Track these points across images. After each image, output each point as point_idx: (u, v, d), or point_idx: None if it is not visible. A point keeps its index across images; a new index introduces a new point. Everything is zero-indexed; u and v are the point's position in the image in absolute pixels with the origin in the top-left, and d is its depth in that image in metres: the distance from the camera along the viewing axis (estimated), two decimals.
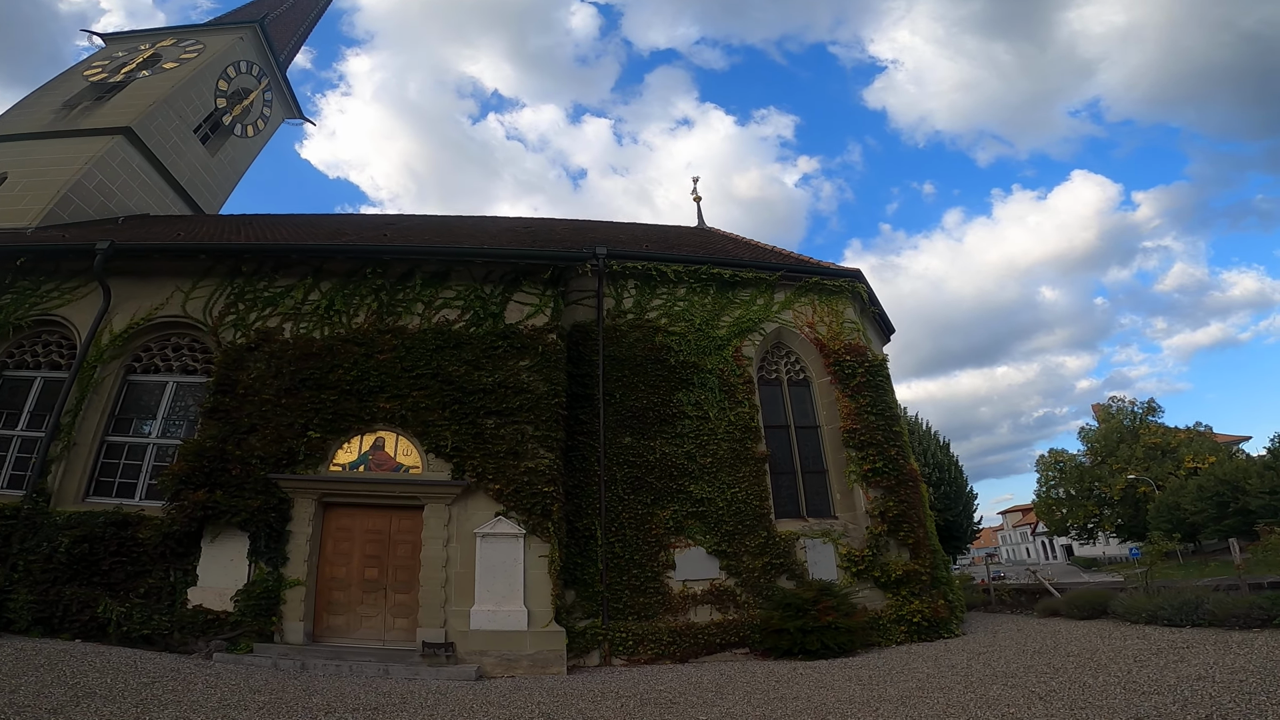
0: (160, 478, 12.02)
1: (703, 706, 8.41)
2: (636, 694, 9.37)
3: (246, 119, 23.51)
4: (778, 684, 9.79)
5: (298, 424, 12.29)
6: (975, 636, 13.86)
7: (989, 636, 13.66)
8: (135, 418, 13.35)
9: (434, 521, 12.04)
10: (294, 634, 11.40)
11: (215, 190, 22.31)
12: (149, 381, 13.60)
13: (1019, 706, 7.21)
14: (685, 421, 14.49)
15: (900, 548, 14.75)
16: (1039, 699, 7.47)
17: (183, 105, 21.04)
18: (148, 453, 13.03)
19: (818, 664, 11.50)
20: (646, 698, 9.07)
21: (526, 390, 12.78)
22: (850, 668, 10.88)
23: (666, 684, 10.17)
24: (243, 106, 23.19)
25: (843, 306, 16.65)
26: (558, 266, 13.80)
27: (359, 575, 12.09)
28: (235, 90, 23.33)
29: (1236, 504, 29.38)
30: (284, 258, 13.69)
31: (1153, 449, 40.18)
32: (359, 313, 13.34)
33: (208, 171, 22.12)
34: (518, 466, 12.29)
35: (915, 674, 9.81)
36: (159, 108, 20.18)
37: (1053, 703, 7.23)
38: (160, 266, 13.81)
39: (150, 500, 12.40)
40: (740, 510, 14.13)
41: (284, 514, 11.90)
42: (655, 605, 13.16)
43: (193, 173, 21.50)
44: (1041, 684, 8.24)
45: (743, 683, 10.06)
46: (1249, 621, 10.99)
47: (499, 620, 11.58)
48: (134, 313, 13.59)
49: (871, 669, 10.59)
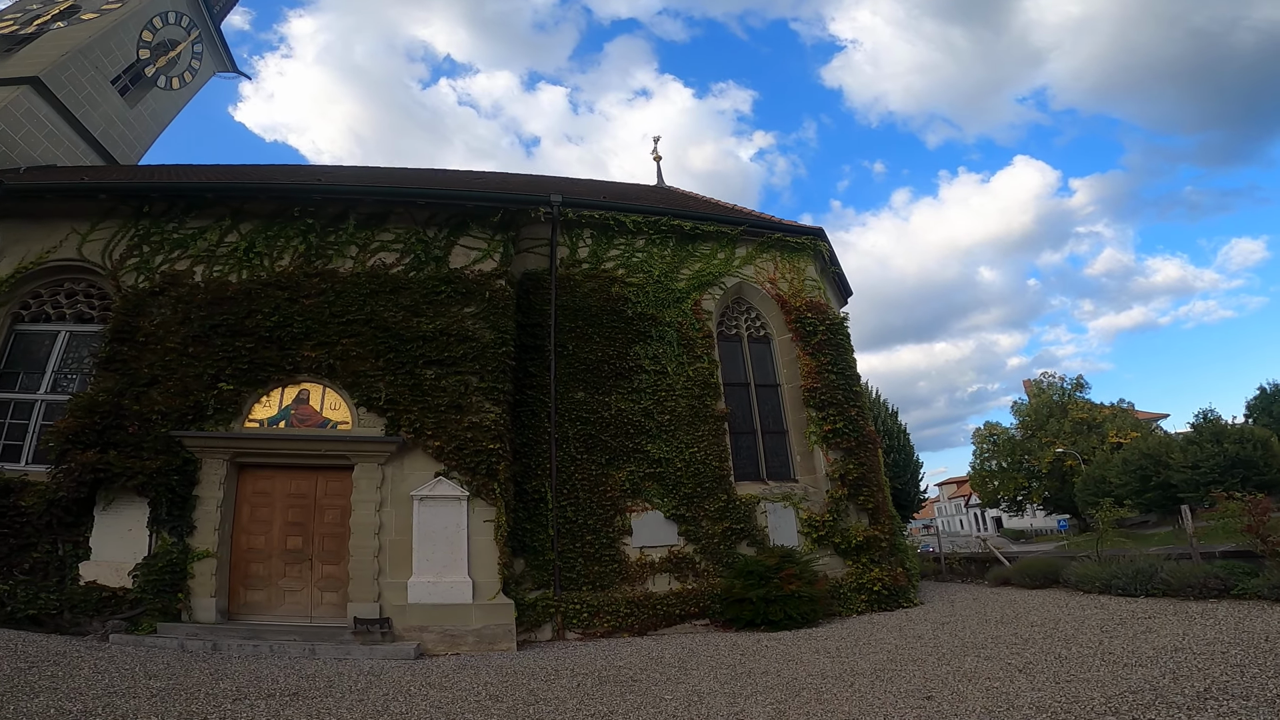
0: (46, 437, 10.01)
1: (666, 684, 7.38)
2: (593, 671, 8.25)
3: (172, 71, 20.94)
4: (743, 657, 8.84)
5: (207, 375, 10.38)
6: (934, 606, 13.05)
7: (947, 606, 12.86)
8: (22, 372, 11.23)
9: (365, 483, 10.30)
10: (205, 612, 9.63)
11: (133, 143, 19.81)
12: (38, 331, 11.46)
13: (1000, 680, 6.60)
14: (642, 376, 13.02)
15: (860, 512, 13.69)
16: (1019, 671, 6.86)
17: (100, 56, 18.64)
18: (35, 411, 10.94)
19: (781, 635, 10.53)
20: (605, 675, 7.97)
21: (471, 338, 11.10)
22: (815, 639, 9.99)
23: (625, 659, 9.03)
24: (168, 58, 20.66)
25: (804, 264, 15.42)
26: (509, 210, 12.09)
27: (280, 545, 10.32)
28: (161, 41, 20.87)
29: (1159, 477, 29.54)
30: (198, 198, 11.66)
31: (1080, 424, 40.34)
32: (283, 255, 11.43)
33: (125, 124, 19.59)
34: (460, 421, 10.63)
35: (883, 645, 9.07)
36: (72, 58, 17.81)
37: (1034, 676, 6.61)
38: (55, 208, 11.65)
39: (38, 465, 10.37)
40: (699, 471, 12.77)
41: (190, 477, 10.02)
42: (611, 574, 11.73)
43: (108, 124, 19.03)
44: (1015, 656, 7.65)
45: (706, 657, 9.02)
46: (1205, 591, 10.31)
47: (440, 592, 9.98)
48: (23, 256, 11.41)
49: (837, 640, 9.74)
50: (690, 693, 6.94)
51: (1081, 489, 33.76)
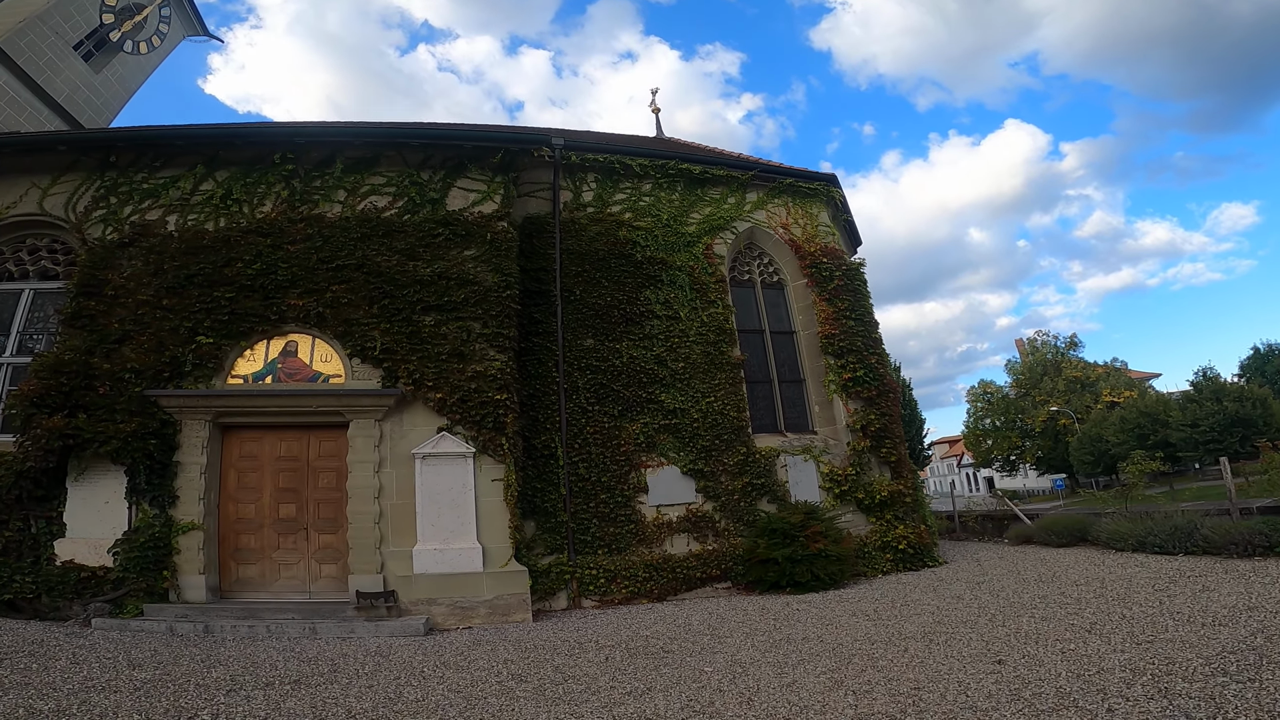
0: (10, 402, 8.74)
1: (702, 654, 6.48)
2: (620, 642, 7.29)
3: (139, 35, 19.33)
4: (776, 622, 7.91)
5: (184, 328, 9.08)
6: (960, 565, 11.98)
7: (974, 565, 11.80)
8: None
9: (362, 442, 9.06)
10: (194, 590, 8.46)
11: (100, 109, 18.27)
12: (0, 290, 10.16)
13: (1072, 641, 5.80)
14: (654, 322, 11.78)
15: (881, 466, 12.58)
16: (1086, 632, 6.08)
17: (60, 21, 17.10)
18: (1, 375, 9.68)
19: (809, 597, 9.55)
20: (633, 646, 7.02)
21: (472, 282, 9.80)
22: (847, 601, 9.05)
23: (651, 628, 8.03)
24: (134, 22, 19.03)
25: (817, 210, 14.17)
26: (509, 150, 10.70)
27: (272, 514, 9.11)
28: (126, 5, 19.25)
29: (1156, 436, 28.43)
30: (168, 146, 10.25)
31: (1073, 382, 39.06)
32: (264, 202, 10.05)
33: (90, 89, 18.04)
34: (463, 371, 9.38)
35: (923, 607, 8.17)
36: (31, 24, 16.29)
37: (1108, 637, 5.83)
38: (12, 164, 10.24)
39: (5, 435, 9.07)
40: (717, 423, 11.60)
41: (169, 441, 8.77)
42: (627, 536, 10.59)
43: (72, 90, 17.51)
44: (1074, 617, 6.81)
45: (736, 623, 8.07)
46: (1249, 549, 9.35)
47: (448, 560, 8.81)
48: None
49: (872, 602, 8.82)
50: (730, 663, 6.07)
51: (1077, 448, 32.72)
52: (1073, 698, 4.32)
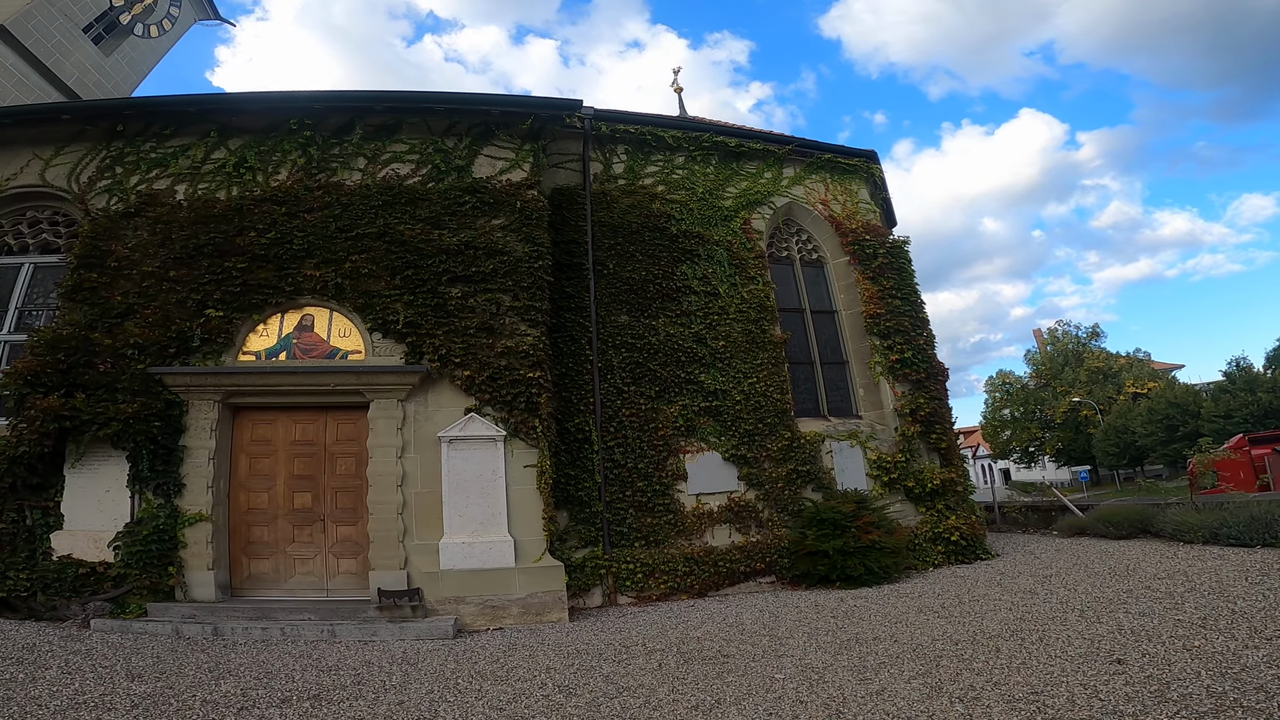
0: (1, 380, 7.73)
1: (765, 659, 5.58)
2: (670, 645, 6.32)
3: (150, 18, 18.30)
4: (838, 621, 6.95)
5: (192, 301, 8.06)
6: (1014, 558, 10.75)
7: (1031, 558, 10.57)
8: None
9: (384, 424, 8.00)
10: (202, 588, 7.42)
11: (109, 93, 17.13)
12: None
13: (1194, 637, 5.00)
14: (691, 298, 10.66)
15: (930, 453, 11.44)
16: (1200, 627, 5.26)
17: (69, 3, 16.09)
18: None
19: (864, 592, 8.59)
20: (686, 650, 6.07)
21: (501, 252, 8.72)
22: (908, 596, 8.08)
23: (701, 628, 7.01)
24: (144, 5, 18.01)
25: (857, 187, 13.01)
26: (539, 117, 9.60)
27: (287, 504, 8.05)
28: None
29: (1187, 427, 26.93)
30: (179, 114, 9.17)
31: (1095, 373, 37.38)
32: (279, 170, 9.00)
33: (100, 73, 17.01)
34: (492, 347, 8.31)
35: (995, 603, 7.17)
36: (38, 5, 15.30)
37: (1231, 633, 4.98)
38: (14, 136, 9.19)
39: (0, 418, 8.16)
40: (759, 406, 10.46)
41: (174, 423, 7.74)
42: (665, 527, 9.48)
43: (82, 73, 16.50)
44: (1175, 611, 5.93)
45: (792, 622, 7.06)
46: None
47: (478, 555, 7.74)
48: None
49: (935, 597, 7.85)
50: (802, 668, 5.20)
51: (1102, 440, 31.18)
52: (1231, 698, 3.67)
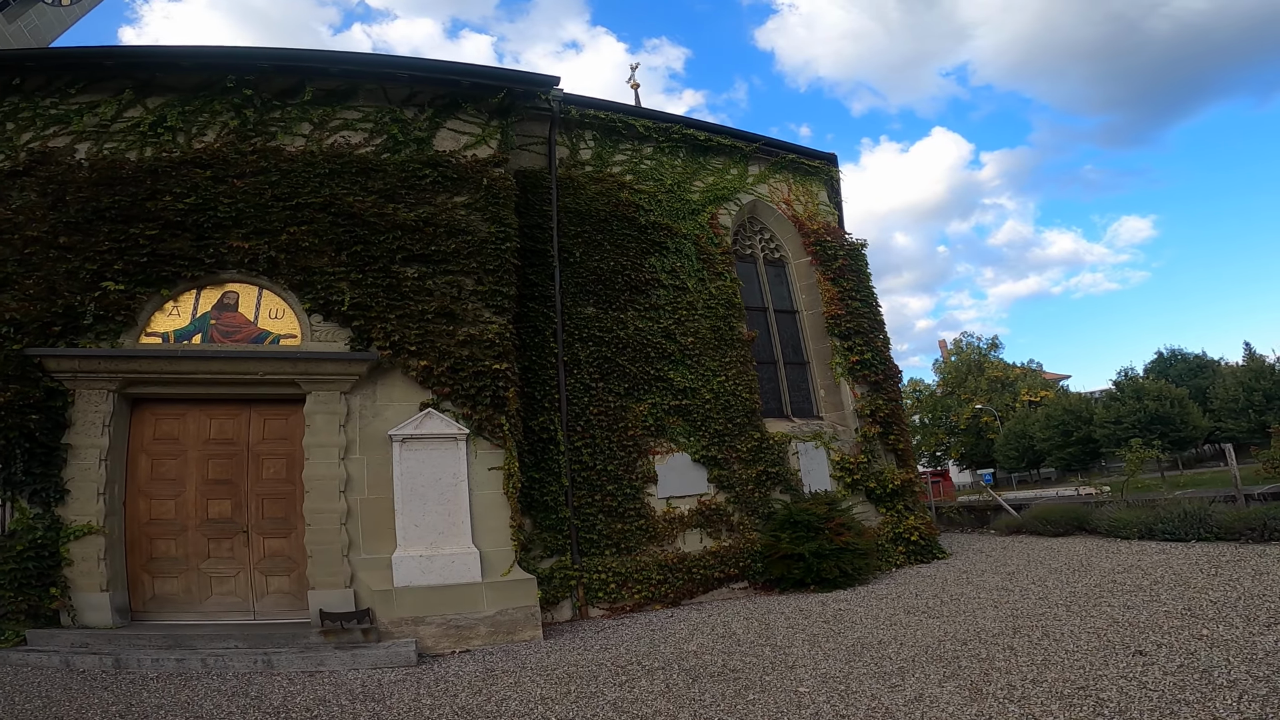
0: None
1: (778, 670, 4.97)
2: (668, 661, 5.49)
3: None
4: (830, 626, 6.37)
5: (85, 272, 6.36)
6: (967, 557, 10.53)
7: (982, 556, 10.37)
8: None
9: (323, 420, 6.55)
10: (95, 612, 5.83)
11: None
12: None
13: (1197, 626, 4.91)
14: (660, 291, 9.64)
15: (888, 454, 10.91)
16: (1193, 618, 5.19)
17: None
18: None
19: (841, 595, 8.02)
20: (688, 666, 5.29)
21: (464, 231, 7.42)
22: (887, 598, 7.57)
23: (691, 641, 6.18)
24: None
25: (817, 189, 12.39)
26: (513, 92, 8.34)
27: (199, 513, 6.47)
28: None
29: (1080, 432, 28.26)
30: (94, 68, 7.34)
31: (995, 382, 38.97)
32: (206, 132, 7.35)
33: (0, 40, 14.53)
34: (453, 334, 7.01)
35: (975, 601, 6.84)
36: None
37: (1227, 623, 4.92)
38: None
39: None
40: (729, 405, 9.57)
41: (57, 417, 6.07)
42: (637, 533, 8.43)
43: None
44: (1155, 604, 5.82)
45: (784, 628, 6.41)
46: (1265, 534, 8.51)
47: (438, 569, 6.43)
48: None
49: (914, 598, 7.41)
50: (821, 678, 4.68)
51: (1003, 444, 32.37)
52: None
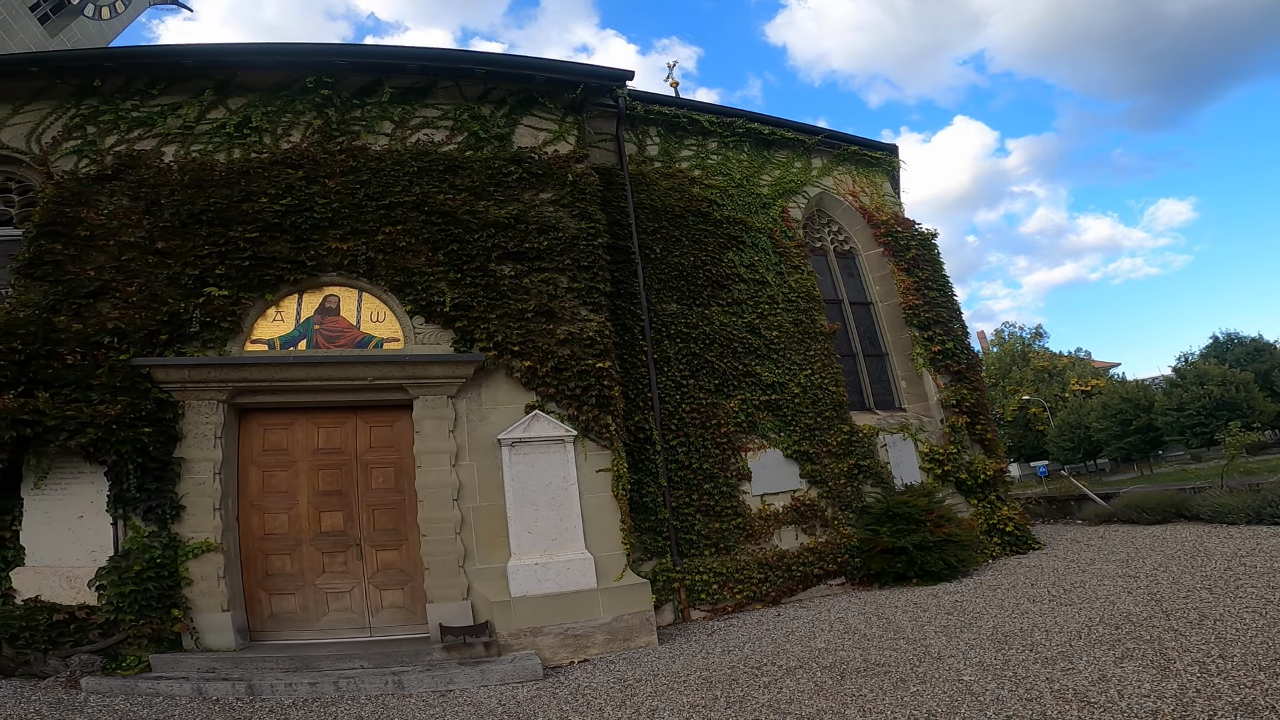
0: None
1: (927, 662, 4.64)
2: (804, 660, 5.13)
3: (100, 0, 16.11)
4: (954, 617, 5.97)
5: (187, 277, 6.16)
6: (1064, 547, 9.93)
7: (1081, 546, 9.79)
8: None
9: (432, 426, 6.27)
10: (217, 633, 5.55)
11: None
12: None
13: None
14: (740, 286, 9.30)
15: (974, 444, 10.41)
16: None
17: None
18: None
19: (948, 587, 7.54)
20: (827, 663, 4.94)
21: (554, 228, 7.17)
22: (999, 588, 7.08)
23: (816, 638, 5.83)
24: None
25: (880, 180, 11.99)
26: (588, 87, 8.09)
27: (312, 526, 6.20)
28: None
29: (1139, 421, 26.98)
30: (174, 67, 7.17)
31: (1041, 372, 38.09)
32: (291, 132, 7.20)
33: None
34: (553, 333, 6.73)
35: (1098, 588, 6.37)
36: None
37: None
38: None
39: None
40: (816, 399, 9.17)
41: (168, 429, 5.82)
42: (734, 531, 8.06)
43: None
44: None
45: (908, 621, 6.04)
46: None
47: (554, 577, 6.09)
48: None
49: (1029, 586, 6.95)
50: (978, 665, 4.38)
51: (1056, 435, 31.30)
52: None
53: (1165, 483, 16.50)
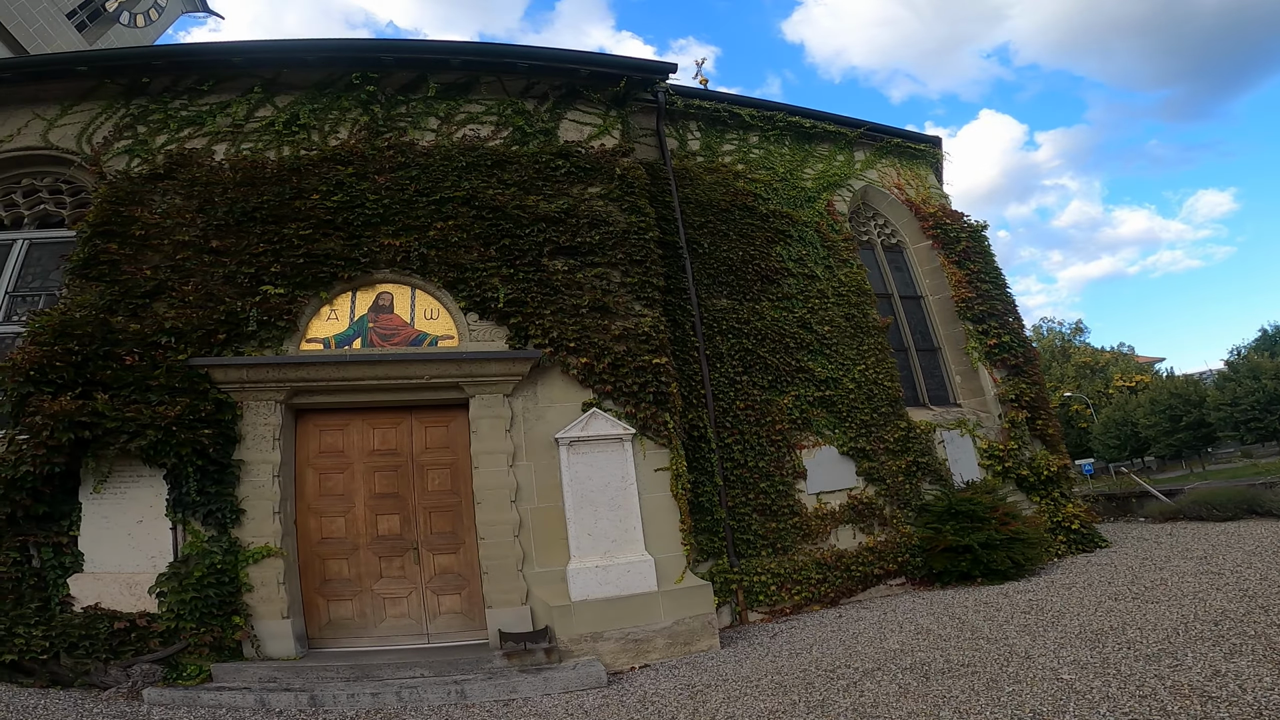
0: None
1: (1015, 661, 4.47)
2: (880, 661, 4.93)
3: (136, 7, 16.31)
4: (1031, 616, 5.73)
5: (243, 275, 6.09)
6: (1133, 545, 9.48)
7: (1150, 544, 9.34)
8: None
9: (489, 425, 6.11)
10: (277, 641, 5.41)
11: None
12: None
13: None
14: (790, 280, 9.06)
15: (1034, 439, 10.01)
16: None
17: None
18: None
19: (1017, 586, 7.25)
20: (906, 664, 4.77)
21: (605, 222, 7.00)
22: (1073, 587, 6.78)
23: (888, 639, 5.62)
24: None
25: (924, 172, 11.69)
26: (632, 80, 7.92)
27: (369, 529, 6.06)
28: None
29: (1190, 416, 25.91)
30: (222, 65, 7.17)
31: (1083, 368, 37.15)
32: (339, 129, 7.14)
33: None
34: (608, 329, 6.54)
35: (1179, 586, 6.10)
36: None
37: None
38: (12, 94, 7.09)
39: None
40: (872, 394, 8.89)
41: (227, 431, 5.71)
42: (791, 531, 7.80)
43: None
44: None
45: (982, 620, 5.82)
46: None
47: (614, 580, 5.88)
48: None
49: (1105, 585, 6.66)
50: (1075, 664, 4.21)
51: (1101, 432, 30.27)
52: None
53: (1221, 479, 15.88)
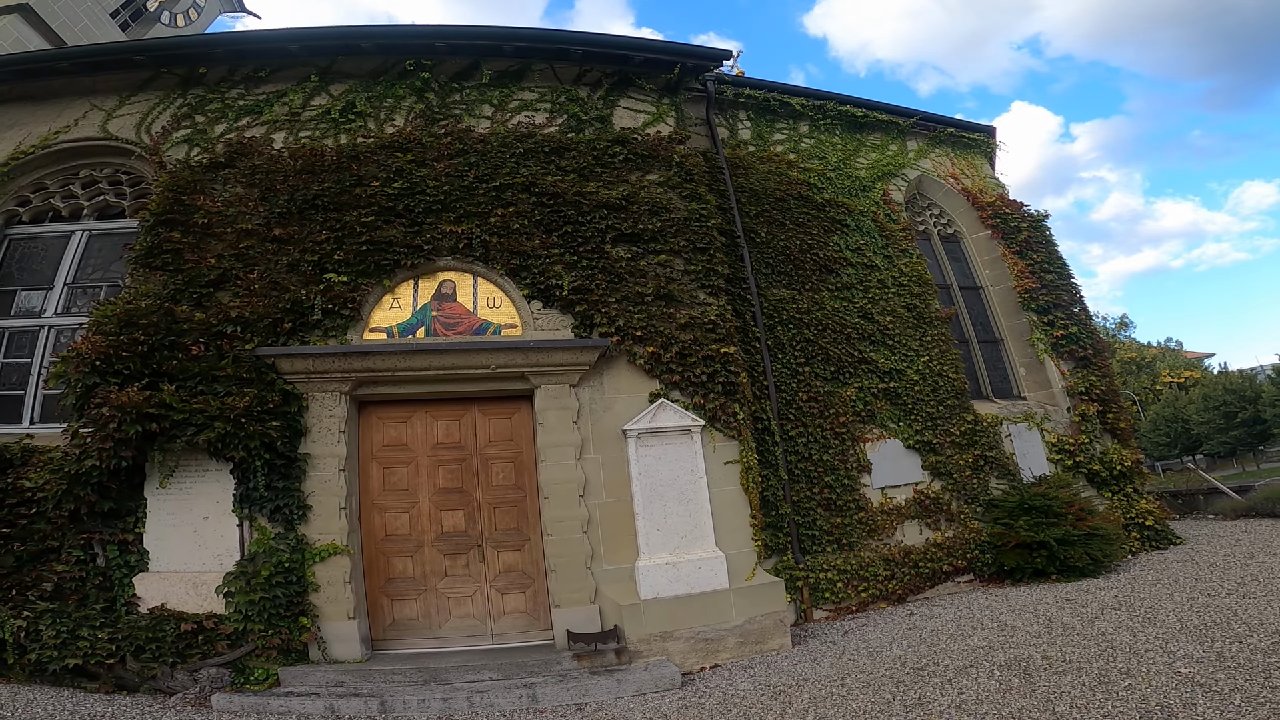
0: (56, 368, 5.42)
1: (1122, 657, 4.33)
2: (972, 658, 4.72)
3: (176, 7, 16.45)
4: (1128, 613, 5.50)
5: (306, 263, 5.96)
6: (1208, 542, 9.13)
7: (1226, 541, 9.05)
8: (19, 288, 6.71)
9: (556, 416, 5.91)
10: (343, 644, 5.23)
11: None
12: (43, 235, 6.98)
13: None
14: (849, 270, 8.78)
15: (1104, 433, 9.59)
16: None
17: None
18: (41, 342, 6.45)
19: (1097, 583, 6.97)
20: (1002, 662, 4.55)
21: (665, 209, 6.79)
22: (1158, 583, 6.52)
23: (972, 635, 5.40)
24: None
25: (979, 161, 11.36)
26: (686, 67, 7.71)
27: (433, 526, 5.87)
28: None
29: (1245, 414, 24.97)
30: (278, 53, 7.12)
31: (1129, 364, 36.13)
32: (395, 116, 7.04)
33: None
34: (674, 317, 6.31)
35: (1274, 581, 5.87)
36: None
37: None
38: (68, 85, 7.13)
39: (50, 424, 5.98)
40: (936, 386, 8.57)
41: (293, 423, 5.56)
42: (856, 526, 7.52)
43: None
44: None
45: (1069, 617, 5.59)
46: None
47: (684, 577, 5.64)
48: (18, 142, 6.97)
49: (1194, 581, 6.44)
50: (1188, 658, 4.10)
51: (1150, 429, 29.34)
52: None
53: None
